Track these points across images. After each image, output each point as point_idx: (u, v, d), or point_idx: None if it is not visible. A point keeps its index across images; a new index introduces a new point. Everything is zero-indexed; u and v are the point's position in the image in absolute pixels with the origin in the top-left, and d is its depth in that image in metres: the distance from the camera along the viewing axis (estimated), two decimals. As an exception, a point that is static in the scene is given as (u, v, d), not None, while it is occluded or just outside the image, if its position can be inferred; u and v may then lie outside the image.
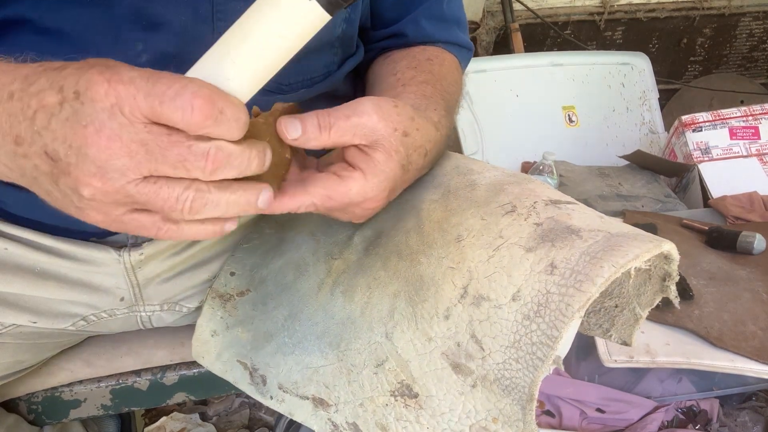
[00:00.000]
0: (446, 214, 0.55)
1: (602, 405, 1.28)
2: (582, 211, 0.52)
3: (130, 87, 0.35)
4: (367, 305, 0.55)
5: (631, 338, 0.58)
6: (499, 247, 0.50)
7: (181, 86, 0.35)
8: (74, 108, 0.35)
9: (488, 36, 2.26)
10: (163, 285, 0.67)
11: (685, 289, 1.21)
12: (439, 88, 0.61)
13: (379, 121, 0.47)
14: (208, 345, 0.65)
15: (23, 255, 0.60)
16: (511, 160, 1.81)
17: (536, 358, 0.45)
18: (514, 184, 0.56)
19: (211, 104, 0.35)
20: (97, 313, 0.66)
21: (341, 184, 0.47)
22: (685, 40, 2.52)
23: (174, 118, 0.35)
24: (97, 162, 0.35)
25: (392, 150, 0.48)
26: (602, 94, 2.00)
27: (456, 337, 0.49)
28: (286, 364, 0.58)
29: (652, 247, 0.46)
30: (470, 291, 0.50)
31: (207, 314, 0.66)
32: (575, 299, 0.44)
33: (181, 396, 0.77)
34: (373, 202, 0.49)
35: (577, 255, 0.46)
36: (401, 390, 0.51)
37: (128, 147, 0.35)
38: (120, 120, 0.35)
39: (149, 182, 0.37)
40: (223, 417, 1.35)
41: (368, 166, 0.47)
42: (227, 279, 0.67)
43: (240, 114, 0.37)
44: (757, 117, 1.76)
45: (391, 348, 0.53)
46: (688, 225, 1.48)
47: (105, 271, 0.64)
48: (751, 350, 1.09)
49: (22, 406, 0.73)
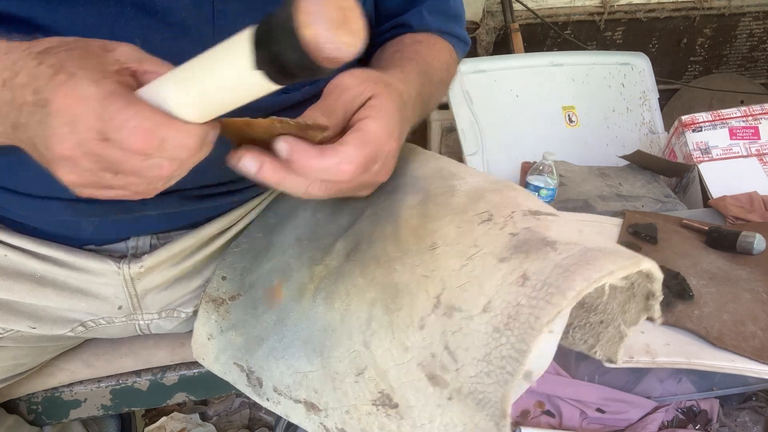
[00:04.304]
0: (423, 221, 0.54)
1: (602, 405, 1.28)
2: (561, 223, 0.51)
3: (84, 107, 0.37)
4: (347, 313, 0.54)
5: (616, 356, 0.56)
6: (472, 257, 0.49)
7: (124, 119, 0.37)
8: (44, 114, 0.38)
9: (488, 36, 2.26)
10: (161, 293, 0.67)
11: (685, 289, 1.21)
12: (419, 60, 0.60)
13: (349, 77, 0.48)
14: (206, 348, 0.65)
15: (22, 262, 0.60)
16: (511, 160, 1.80)
17: (506, 373, 0.43)
18: (495, 192, 0.54)
19: (149, 137, 0.37)
20: (96, 320, 0.66)
21: (362, 131, 0.47)
22: (685, 40, 2.52)
23: (122, 145, 0.38)
24: (66, 165, 0.39)
25: (385, 94, 0.48)
26: (602, 94, 2.00)
27: (431, 348, 0.48)
28: (278, 367, 0.58)
29: (629, 264, 0.44)
30: (443, 301, 0.48)
31: (202, 318, 0.66)
32: (545, 312, 0.42)
33: (181, 396, 0.77)
34: (393, 137, 0.49)
35: (550, 267, 0.45)
36: (382, 399, 0.50)
37: (87, 156, 0.39)
38: (77, 136, 0.38)
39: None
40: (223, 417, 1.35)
41: (369, 114, 0.47)
42: (219, 283, 0.67)
43: (185, 139, 0.39)
44: (757, 117, 1.76)
45: (370, 357, 0.51)
46: (688, 225, 1.48)
47: (104, 282, 0.63)
48: (751, 350, 1.09)
49: (22, 406, 0.73)
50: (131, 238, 0.64)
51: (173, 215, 0.63)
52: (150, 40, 0.51)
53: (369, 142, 0.46)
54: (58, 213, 0.57)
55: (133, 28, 0.50)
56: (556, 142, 1.89)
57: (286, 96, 0.60)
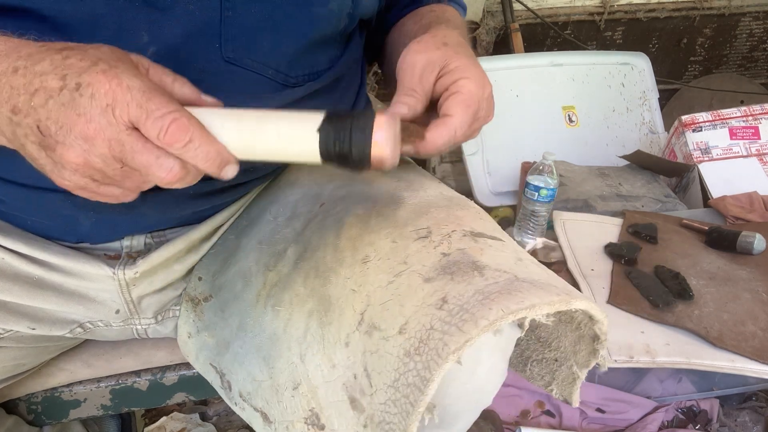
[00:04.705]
0: (361, 232, 0.52)
1: (602, 405, 1.28)
2: (501, 248, 0.49)
3: (126, 95, 0.40)
4: (288, 322, 0.53)
5: (571, 397, 0.54)
6: (400, 274, 0.47)
7: (167, 111, 0.41)
8: (72, 97, 0.40)
9: (488, 36, 2.25)
10: (155, 296, 0.67)
11: (685, 289, 1.21)
12: (443, 18, 0.68)
13: (419, 53, 0.55)
14: (187, 346, 0.65)
15: (20, 266, 0.60)
16: (511, 160, 1.80)
17: (408, 403, 0.41)
18: (442, 208, 0.53)
19: (182, 132, 0.41)
20: (94, 322, 0.66)
21: (461, 92, 0.53)
22: (685, 40, 2.52)
23: (151, 133, 0.41)
24: (83, 146, 0.41)
25: (452, 52, 0.55)
26: (602, 94, 2.00)
27: (353, 368, 0.46)
28: (241, 373, 0.57)
29: (556, 301, 0.42)
30: (366, 318, 0.46)
31: (183, 316, 0.66)
32: (453, 339, 0.40)
33: (181, 396, 0.77)
34: (486, 83, 0.56)
35: (471, 292, 0.43)
36: (312, 419, 0.49)
37: (109, 141, 0.40)
38: (109, 119, 0.40)
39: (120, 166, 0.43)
40: (223, 417, 1.35)
41: (460, 74, 0.54)
42: (196, 283, 0.66)
43: (211, 150, 0.43)
44: (757, 117, 1.76)
45: (304, 371, 0.50)
46: (688, 225, 1.48)
47: (100, 287, 0.64)
48: (751, 350, 1.09)
49: (21, 406, 0.73)
50: (126, 237, 0.64)
51: (170, 213, 0.63)
52: (157, 33, 0.51)
53: (469, 101, 0.54)
54: (56, 206, 0.57)
55: (141, 21, 0.50)
56: (556, 142, 1.89)
57: (291, 91, 0.60)
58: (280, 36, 0.56)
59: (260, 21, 0.55)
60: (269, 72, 0.58)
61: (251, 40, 0.55)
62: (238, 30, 0.54)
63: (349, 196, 0.57)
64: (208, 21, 0.52)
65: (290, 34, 0.57)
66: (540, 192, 1.46)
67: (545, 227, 1.50)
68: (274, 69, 0.58)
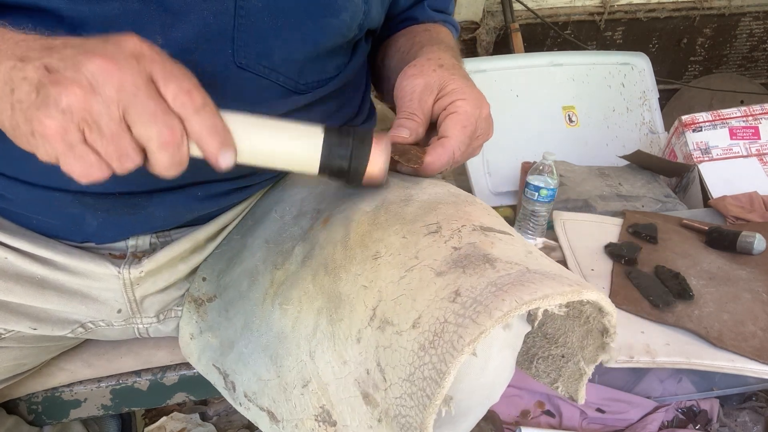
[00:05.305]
0: (371, 228, 0.52)
1: (602, 405, 1.28)
2: (510, 242, 0.49)
3: (154, 53, 0.42)
4: (297, 320, 0.53)
5: (577, 393, 0.54)
6: (412, 268, 0.47)
7: (189, 80, 0.42)
8: (95, 44, 0.41)
9: (488, 36, 2.26)
10: (158, 296, 0.67)
11: (685, 289, 1.21)
12: (436, 39, 0.70)
13: (416, 77, 0.58)
14: (190, 347, 0.65)
15: (23, 265, 0.60)
16: (511, 160, 1.80)
17: (425, 396, 0.41)
18: (450, 204, 0.53)
19: (197, 95, 0.42)
20: (95, 322, 0.66)
21: (458, 112, 0.56)
22: (685, 40, 2.52)
23: (170, 90, 0.41)
24: (91, 78, 0.39)
25: (448, 74, 0.58)
26: (602, 94, 2.00)
27: (366, 363, 0.46)
28: (246, 373, 0.57)
29: (568, 291, 0.42)
30: (378, 314, 0.46)
31: (185, 317, 0.66)
32: (468, 332, 0.40)
33: (181, 396, 0.77)
34: (483, 103, 0.59)
35: (483, 284, 0.43)
36: (323, 416, 0.49)
37: (122, 84, 0.40)
38: (131, 64, 0.40)
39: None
40: (223, 417, 1.35)
41: (456, 95, 0.57)
42: (200, 284, 0.66)
43: (218, 123, 0.44)
44: (757, 117, 1.76)
45: (314, 368, 0.50)
46: (688, 225, 1.48)
47: (103, 286, 0.64)
48: (751, 350, 1.09)
49: (22, 406, 0.73)
50: (131, 237, 0.64)
51: (177, 215, 0.63)
52: (171, 36, 0.52)
53: (465, 121, 0.56)
54: (64, 205, 0.57)
55: (155, 24, 0.51)
56: (556, 142, 1.89)
57: (299, 97, 0.61)
58: (292, 44, 0.57)
59: (273, 29, 0.55)
60: (280, 78, 0.58)
61: (264, 47, 0.56)
62: (251, 36, 0.55)
63: (356, 194, 0.58)
64: (222, 27, 0.53)
65: (302, 42, 0.58)
66: (540, 192, 1.46)
67: (545, 227, 1.50)
68: (284, 76, 0.59)
